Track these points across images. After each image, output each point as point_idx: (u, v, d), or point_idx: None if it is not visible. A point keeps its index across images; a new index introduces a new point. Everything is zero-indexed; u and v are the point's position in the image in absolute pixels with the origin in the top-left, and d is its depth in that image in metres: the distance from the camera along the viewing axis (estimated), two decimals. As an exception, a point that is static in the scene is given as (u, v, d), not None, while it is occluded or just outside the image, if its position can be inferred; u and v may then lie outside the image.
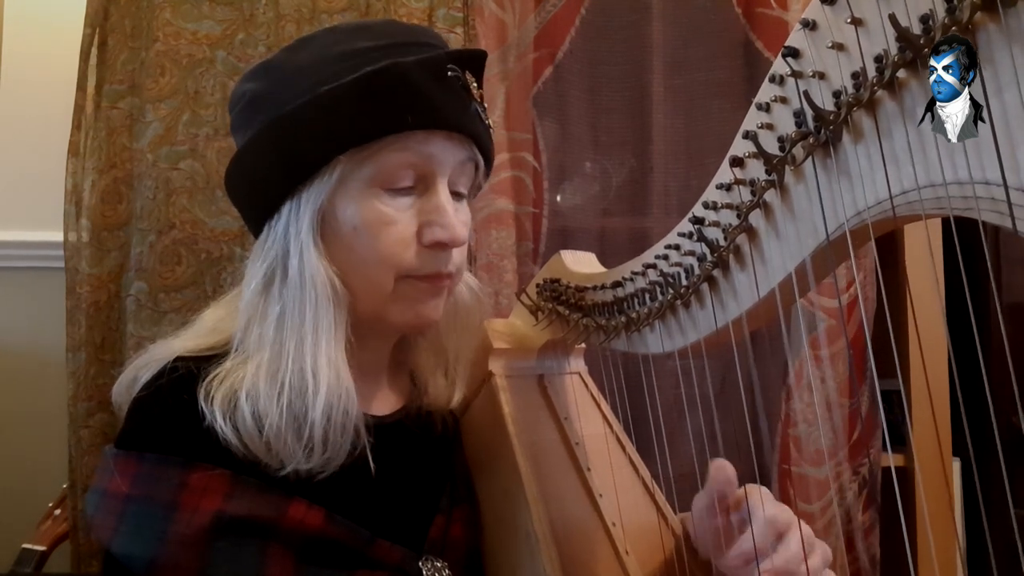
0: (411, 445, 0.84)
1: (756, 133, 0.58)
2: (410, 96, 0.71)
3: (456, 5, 1.49)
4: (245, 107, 0.76)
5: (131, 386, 0.75)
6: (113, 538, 0.67)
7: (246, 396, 0.69)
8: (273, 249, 0.73)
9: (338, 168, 0.71)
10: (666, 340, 0.72)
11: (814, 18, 0.51)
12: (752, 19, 1.55)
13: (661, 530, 0.83)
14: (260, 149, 0.74)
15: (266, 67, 0.77)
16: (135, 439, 0.71)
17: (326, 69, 0.71)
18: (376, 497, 0.76)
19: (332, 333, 0.72)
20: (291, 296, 0.72)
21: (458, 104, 0.74)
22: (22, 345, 1.63)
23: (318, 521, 0.70)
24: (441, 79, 0.72)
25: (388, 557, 0.74)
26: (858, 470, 1.48)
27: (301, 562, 0.69)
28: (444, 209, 0.74)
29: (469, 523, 0.84)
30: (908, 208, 0.48)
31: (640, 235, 1.54)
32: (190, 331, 0.79)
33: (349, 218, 0.73)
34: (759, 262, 0.61)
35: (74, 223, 1.45)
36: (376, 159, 0.71)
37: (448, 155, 0.74)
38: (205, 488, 0.67)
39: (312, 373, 0.70)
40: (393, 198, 0.73)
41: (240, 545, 0.67)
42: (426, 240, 0.74)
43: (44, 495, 1.37)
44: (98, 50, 1.47)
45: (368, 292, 0.75)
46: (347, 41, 0.73)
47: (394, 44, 0.73)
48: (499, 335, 0.92)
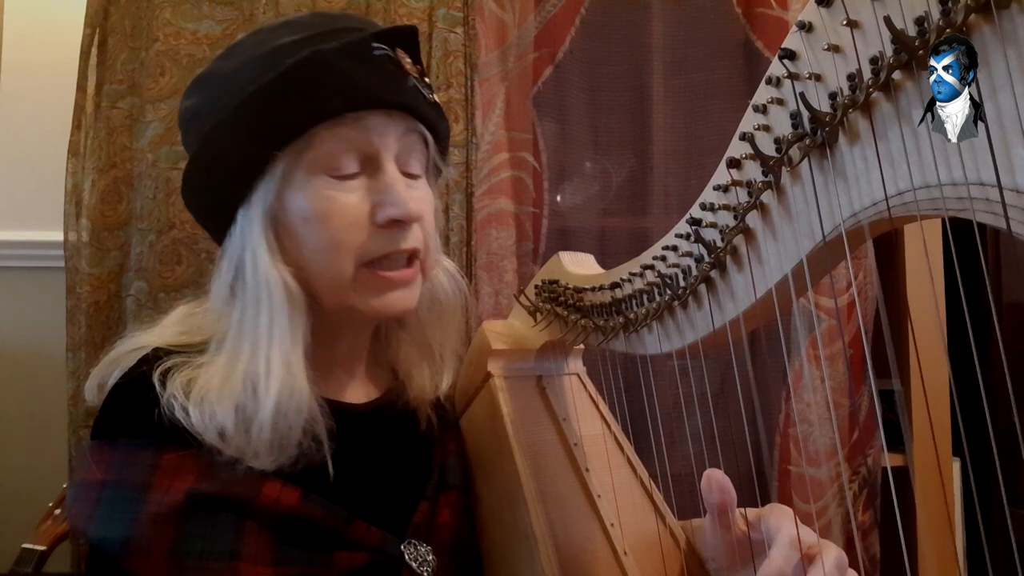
0: (390, 434, 0.84)
1: (753, 135, 0.58)
2: (335, 80, 0.70)
3: (456, 5, 1.49)
4: (188, 123, 0.77)
5: (103, 383, 0.76)
6: (89, 524, 0.67)
7: (200, 397, 0.69)
8: (233, 257, 0.74)
9: (279, 166, 0.71)
10: (664, 341, 0.72)
11: (810, 20, 0.51)
12: (752, 19, 1.55)
13: (659, 531, 0.83)
14: (202, 163, 0.74)
15: (201, 80, 0.77)
16: (108, 427, 0.71)
17: (250, 71, 0.71)
18: (351, 484, 0.76)
19: (287, 334, 0.72)
20: (249, 300, 0.73)
21: (389, 81, 0.73)
22: (22, 345, 1.63)
23: (293, 500, 0.70)
24: (366, 60, 0.72)
25: (367, 539, 0.73)
26: (858, 470, 1.47)
27: (279, 542, 0.69)
28: (392, 186, 0.74)
29: (458, 509, 0.83)
30: (904, 209, 0.48)
31: (640, 235, 1.54)
32: (155, 329, 0.80)
33: (298, 210, 0.73)
34: (756, 263, 0.61)
35: (74, 223, 1.45)
36: (314, 148, 0.72)
37: (388, 132, 0.74)
38: (177, 468, 0.68)
39: (264, 375, 0.70)
40: (341, 183, 0.73)
41: (214, 522, 0.67)
42: (379, 219, 0.74)
43: (44, 495, 1.37)
44: (98, 50, 1.48)
45: (329, 283, 0.75)
46: (269, 40, 0.73)
47: (315, 35, 0.72)
48: (498, 336, 0.92)
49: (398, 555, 0.75)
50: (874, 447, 1.48)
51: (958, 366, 0.78)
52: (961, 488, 1.49)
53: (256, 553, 0.67)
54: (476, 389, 0.91)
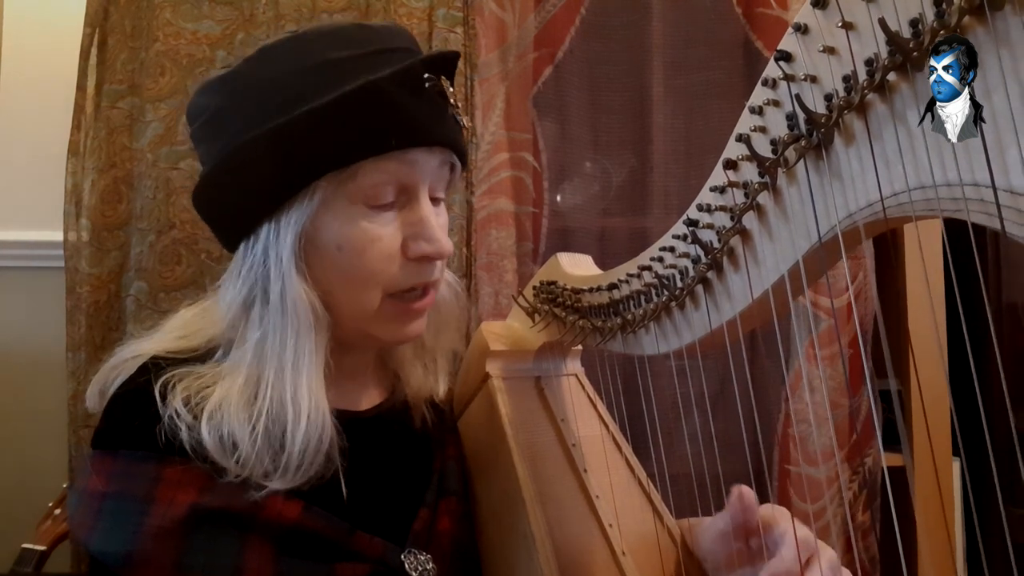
0: (390, 439, 0.84)
1: (749, 136, 0.58)
2: (390, 115, 0.70)
3: (456, 5, 1.49)
4: (207, 123, 0.75)
5: (104, 390, 0.75)
6: (91, 536, 0.67)
7: (209, 416, 0.69)
8: (253, 271, 0.72)
9: (319, 191, 0.70)
10: (661, 341, 0.72)
11: (806, 22, 0.51)
12: (752, 19, 1.55)
13: (658, 531, 0.83)
14: (232, 172, 0.72)
15: (226, 80, 0.74)
16: (109, 438, 0.71)
17: (297, 85, 0.69)
18: (356, 492, 0.75)
19: (313, 359, 0.71)
20: (272, 322, 0.71)
21: (437, 117, 0.73)
22: (22, 345, 1.63)
23: (295, 513, 0.70)
24: (418, 91, 0.71)
25: (369, 550, 0.73)
26: (857, 470, 1.47)
27: (281, 555, 0.69)
28: (428, 221, 0.74)
29: (458, 516, 0.83)
30: (899, 210, 0.48)
31: (640, 235, 1.54)
32: (156, 335, 0.79)
33: (332, 238, 0.72)
34: (753, 264, 0.61)
35: (74, 223, 1.45)
36: (358, 178, 0.71)
37: (428, 167, 0.74)
38: (180, 481, 0.68)
39: (292, 402, 0.70)
40: (377, 214, 0.73)
41: (217, 536, 0.67)
42: (412, 254, 0.74)
43: (44, 495, 1.37)
44: (98, 50, 1.48)
45: (353, 312, 0.75)
46: (316, 52, 0.71)
47: (365, 53, 0.71)
48: (496, 337, 0.92)
49: (399, 565, 0.75)
50: (873, 447, 1.48)
51: (957, 366, 0.78)
52: (960, 488, 1.49)
53: (258, 567, 0.67)
54: (474, 390, 0.91)
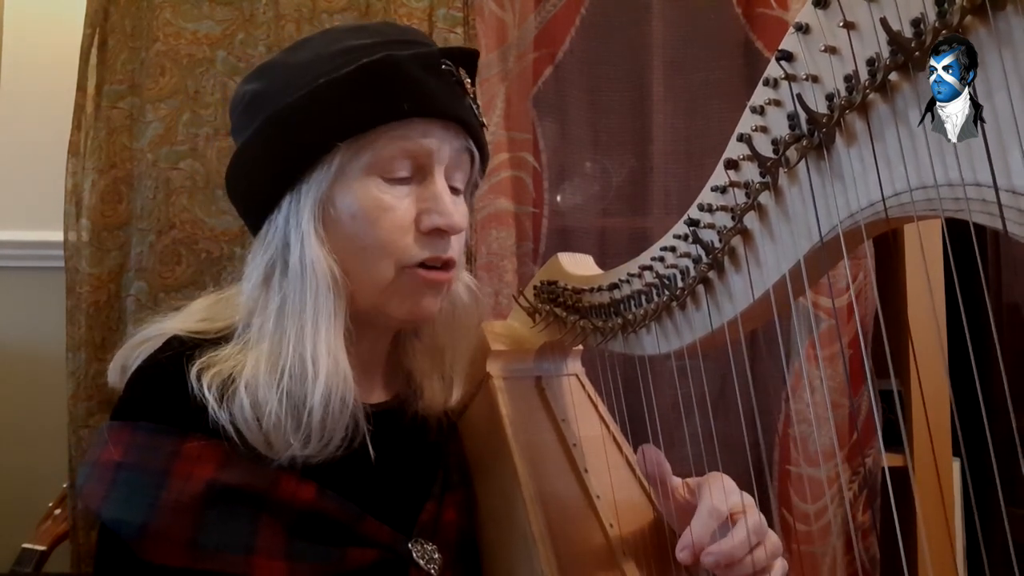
0: (401, 434, 0.84)
1: (750, 136, 0.58)
2: (405, 85, 0.73)
3: (456, 5, 1.49)
4: (246, 108, 0.78)
5: (126, 365, 0.76)
6: (103, 504, 0.67)
7: (245, 386, 0.70)
8: (273, 242, 0.75)
9: (337, 158, 0.73)
10: (662, 341, 0.72)
11: (807, 22, 0.51)
12: (752, 19, 1.55)
13: (658, 531, 0.83)
14: (260, 144, 0.76)
15: (265, 68, 0.79)
16: (131, 409, 0.72)
17: (323, 65, 0.73)
18: (368, 481, 0.77)
19: (331, 321, 0.73)
20: (292, 286, 0.73)
21: (453, 96, 0.76)
22: (22, 345, 1.63)
23: (309, 495, 0.71)
24: (435, 72, 0.74)
25: (377, 535, 0.75)
26: (857, 470, 1.47)
27: (292, 536, 0.70)
28: (441, 196, 0.76)
29: (462, 508, 0.85)
30: (900, 210, 0.48)
31: (640, 235, 1.54)
32: (179, 316, 0.81)
33: (348, 206, 0.74)
34: (754, 264, 0.61)
35: (74, 223, 1.45)
36: (374, 147, 0.73)
37: (444, 144, 0.76)
38: (199, 457, 0.68)
39: (312, 360, 0.71)
40: (391, 186, 0.75)
41: (232, 513, 0.68)
42: (424, 227, 0.76)
43: (44, 495, 1.37)
44: (98, 50, 1.47)
45: (368, 281, 0.76)
46: (344, 39, 0.76)
47: (389, 41, 0.75)
48: (497, 337, 0.93)
49: (406, 552, 0.77)
50: (873, 447, 1.48)
51: (957, 366, 0.78)
52: (960, 488, 1.49)
53: (271, 547, 0.68)
54: (475, 389, 0.91)
